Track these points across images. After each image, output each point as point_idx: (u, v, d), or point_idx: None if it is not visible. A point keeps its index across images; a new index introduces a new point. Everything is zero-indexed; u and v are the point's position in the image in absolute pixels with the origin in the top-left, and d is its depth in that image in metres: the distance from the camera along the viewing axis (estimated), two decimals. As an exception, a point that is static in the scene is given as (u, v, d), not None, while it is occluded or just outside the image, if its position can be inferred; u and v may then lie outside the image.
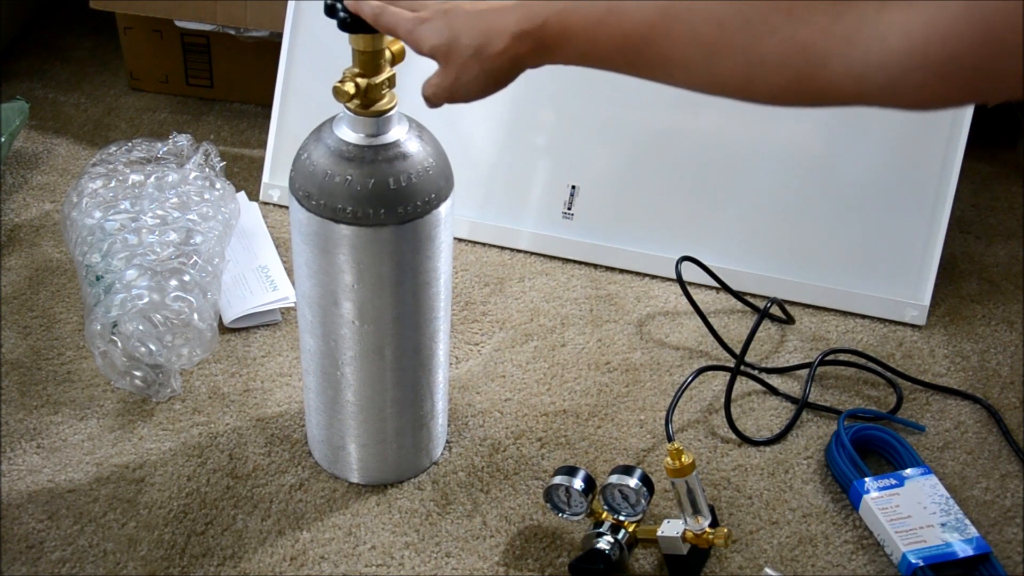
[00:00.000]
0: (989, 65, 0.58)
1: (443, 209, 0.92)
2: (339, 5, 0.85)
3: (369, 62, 0.88)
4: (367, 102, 0.88)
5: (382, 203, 0.88)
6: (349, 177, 0.88)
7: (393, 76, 0.90)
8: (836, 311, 1.29)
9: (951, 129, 1.25)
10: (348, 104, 0.88)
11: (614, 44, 0.72)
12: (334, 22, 0.86)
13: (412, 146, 0.90)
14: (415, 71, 0.86)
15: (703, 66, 0.69)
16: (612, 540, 0.97)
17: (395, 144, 0.89)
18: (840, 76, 0.62)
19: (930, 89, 0.60)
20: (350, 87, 0.87)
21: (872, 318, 1.29)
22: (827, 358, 1.21)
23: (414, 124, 0.92)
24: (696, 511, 0.95)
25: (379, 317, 0.94)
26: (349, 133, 0.89)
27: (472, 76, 0.79)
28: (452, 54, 0.79)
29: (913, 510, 1.03)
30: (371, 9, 0.83)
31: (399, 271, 0.92)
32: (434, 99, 0.83)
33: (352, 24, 0.85)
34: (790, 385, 1.20)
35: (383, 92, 0.89)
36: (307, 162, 0.90)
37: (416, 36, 0.81)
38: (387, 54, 0.88)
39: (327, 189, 0.88)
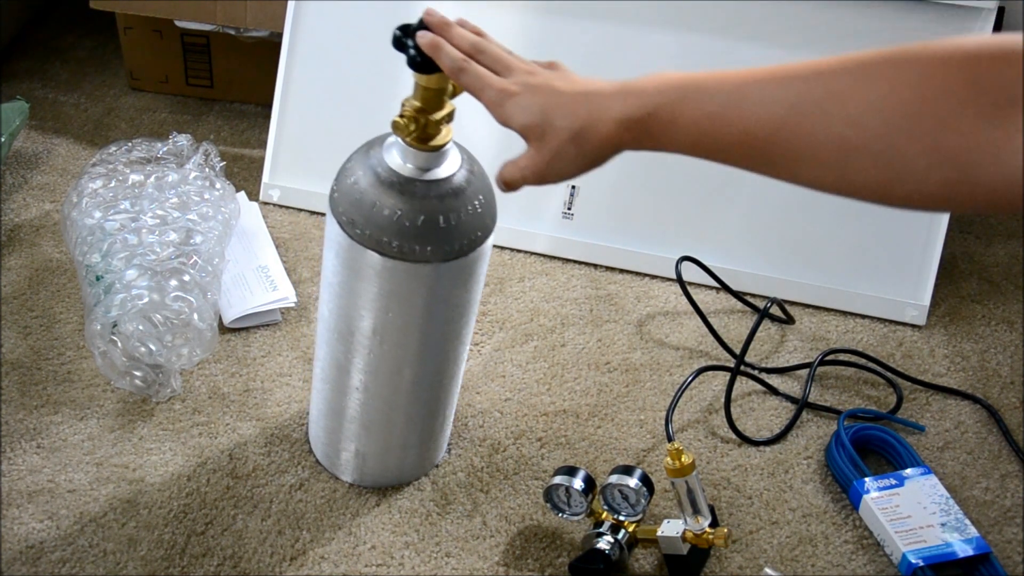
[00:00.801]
0: None
1: (486, 246, 0.89)
2: (410, 42, 0.79)
3: (433, 99, 0.83)
4: (424, 136, 0.85)
5: (429, 241, 0.85)
6: (399, 212, 0.84)
7: (453, 111, 0.86)
8: (836, 311, 1.29)
9: None
10: (406, 138, 0.85)
11: (733, 139, 0.69)
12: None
13: (464, 182, 0.87)
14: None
15: (836, 168, 0.65)
16: (612, 540, 0.97)
17: (447, 180, 0.86)
18: (991, 184, 0.60)
19: None
20: (411, 125, 0.83)
21: (872, 318, 1.29)
22: (827, 358, 1.21)
23: (466, 156, 0.88)
24: (696, 511, 0.95)
25: (404, 341, 0.93)
26: (400, 162, 0.85)
27: (568, 160, 0.76)
28: (547, 137, 0.76)
29: (913, 510, 1.03)
30: (452, 62, 0.79)
31: (432, 302, 0.90)
32: (519, 182, 0.79)
33: (422, 64, 0.80)
34: (790, 385, 1.20)
35: (441, 127, 0.85)
36: (354, 188, 0.86)
37: (504, 111, 0.77)
38: (450, 89, 0.84)
39: (373, 220, 0.85)
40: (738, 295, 1.29)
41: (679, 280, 1.25)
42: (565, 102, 0.76)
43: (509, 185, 0.80)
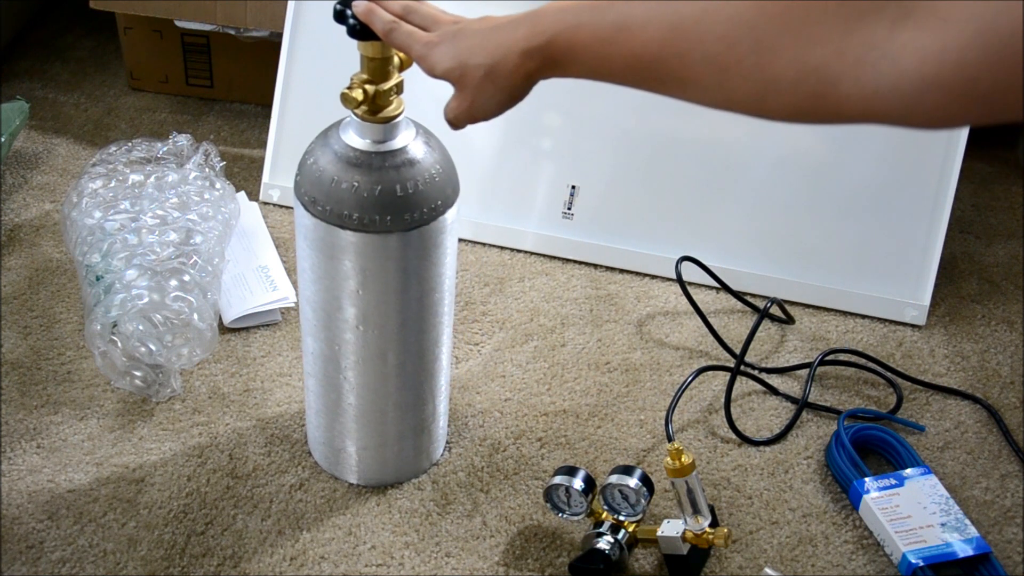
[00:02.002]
0: (1003, 90, 0.57)
1: (449, 215, 0.91)
2: (348, 12, 0.84)
3: (378, 69, 0.87)
4: (375, 108, 0.88)
5: (389, 210, 0.88)
6: (356, 184, 0.87)
7: (401, 82, 0.89)
8: (836, 311, 1.29)
9: (951, 129, 1.25)
10: (356, 110, 0.88)
11: (624, 62, 0.72)
12: (336, 25, 0.85)
13: (419, 152, 0.90)
14: (422, 74, 0.86)
15: (715, 85, 0.68)
16: (612, 540, 0.97)
17: (402, 150, 0.89)
18: (852, 97, 0.62)
19: (943, 111, 0.59)
20: (358, 94, 0.86)
21: (872, 318, 1.29)
22: (827, 358, 1.21)
23: (421, 129, 0.92)
24: (696, 511, 0.95)
25: (383, 323, 0.94)
26: (356, 139, 0.89)
27: (487, 96, 0.79)
28: (465, 77, 0.79)
29: (913, 510, 1.03)
30: (383, 24, 0.83)
31: (404, 277, 0.92)
32: (456, 122, 0.83)
33: (361, 32, 0.84)
34: (790, 385, 1.20)
35: (391, 98, 0.89)
36: (313, 167, 0.89)
37: (429, 61, 0.81)
38: (395, 60, 0.88)
39: (334, 195, 0.88)
40: (738, 295, 1.29)
41: (679, 280, 1.25)
42: (477, 41, 0.79)
43: (451, 124, 0.84)
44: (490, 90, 0.79)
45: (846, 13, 0.61)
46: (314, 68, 1.35)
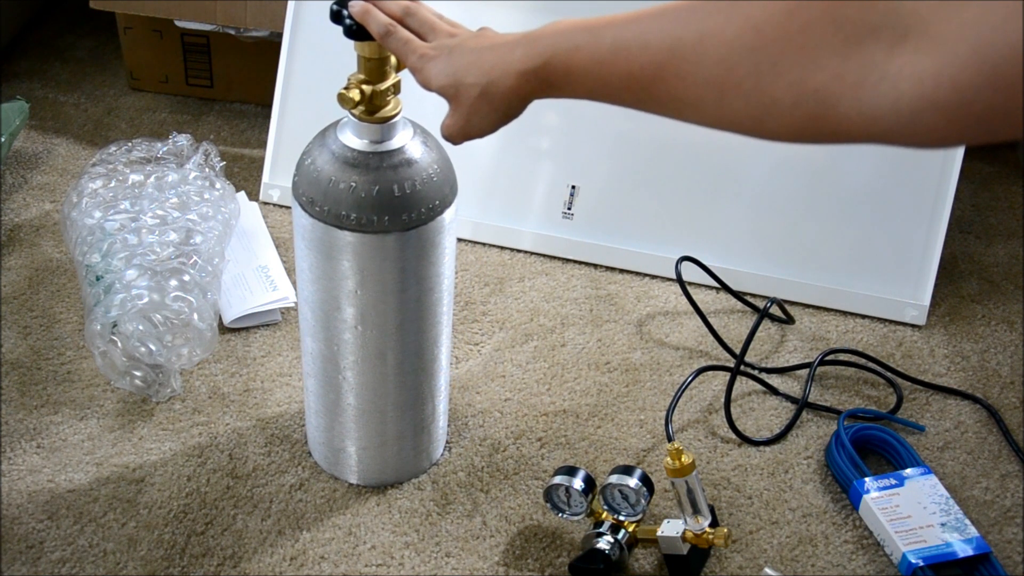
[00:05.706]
0: (1000, 110, 0.57)
1: (447, 215, 0.91)
2: (345, 12, 0.84)
3: (375, 69, 0.87)
4: (372, 108, 0.88)
5: (386, 210, 0.88)
6: (354, 184, 0.87)
7: (399, 82, 0.89)
8: (836, 311, 1.29)
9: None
10: (353, 111, 0.88)
11: (621, 83, 0.72)
12: (336, 25, 0.85)
13: (417, 152, 0.90)
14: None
15: (713, 106, 0.68)
16: (612, 540, 0.97)
17: (400, 151, 0.89)
18: (852, 118, 0.62)
19: (941, 131, 0.60)
20: (355, 94, 0.86)
21: (872, 318, 1.29)
22: (827, 358, 1.21)
23: (419, 129, 0.92)
24: (696, 511, 0.95)
25: (382, 322, 0.94)
26: (353, 139, 0.89)
27: (482, 115, 0.80)
28: (460, 95, 0.80)
29: (913, 510, 1.03)
30: (379, 27, 0.83)
31: (402, 277, 0.92)
32: (452, 139, 0.83)
33: (358, 32, 0.84)
34: (790, 385, 1.20)
35: (388, 98, 0.89)
36: (311, 168, 0.89)
37: (424, 75, 0.81)
38: (392, 60, 0.88)
39: (331, 195, 0.88)
40: (738, 295, 1.29)
41: (679, 280, 1.25)
42: (473, 60, 0.79)
43: (448, 140, 0.84)
44: (485, 110, 0.79)
45: (844, 36, 0.61)
46: (314, 68, 1.35)
